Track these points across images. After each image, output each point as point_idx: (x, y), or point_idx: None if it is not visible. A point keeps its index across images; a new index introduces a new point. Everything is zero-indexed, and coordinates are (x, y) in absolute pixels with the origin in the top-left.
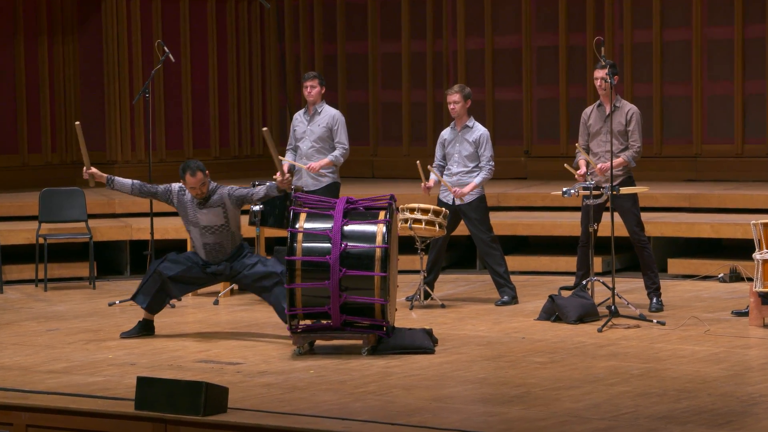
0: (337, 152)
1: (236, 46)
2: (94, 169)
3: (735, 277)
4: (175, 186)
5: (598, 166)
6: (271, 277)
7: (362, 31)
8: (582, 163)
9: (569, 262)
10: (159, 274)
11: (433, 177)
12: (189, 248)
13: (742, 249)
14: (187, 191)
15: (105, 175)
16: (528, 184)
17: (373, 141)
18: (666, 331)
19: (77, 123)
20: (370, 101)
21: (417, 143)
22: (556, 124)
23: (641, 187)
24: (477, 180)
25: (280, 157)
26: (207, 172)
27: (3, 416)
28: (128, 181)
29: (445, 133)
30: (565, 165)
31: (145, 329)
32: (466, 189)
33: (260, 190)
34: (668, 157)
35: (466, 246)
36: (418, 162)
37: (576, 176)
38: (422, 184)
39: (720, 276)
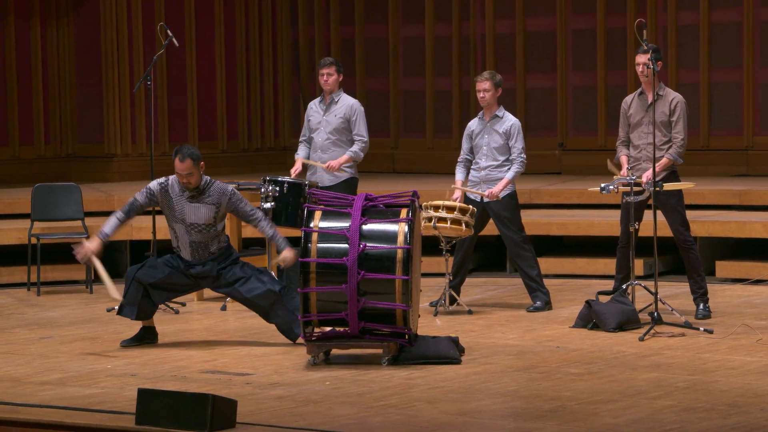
0: (355, 147)
1: (245, 29)
2: (92, 256)
3: None
4: (153, 183)
5: (643, 178)
6: (269, 297)
7: (382, 13)
8: (624, 159)
9: (608, 265)
10: (139, 282)
11: (458, 193)
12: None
13: None
14: (170, 184)
15: (94, 245)
16: (563, 179)
17: (394, 133)
18: (714, 340)
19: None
20: (391, 89)
21: (442, 135)
22: (594, 115)
23: (687, 183)
24: (508, 175)
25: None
26: (202, 164)
27: None
28: (111, 219)
29: (473, 124)
30: (608, 161)
31: (147, 336)
32: (498, 188)
33: (268, 228)
34: (716, 150)
35: (495, 247)
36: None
37: (618, 175)
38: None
39: None
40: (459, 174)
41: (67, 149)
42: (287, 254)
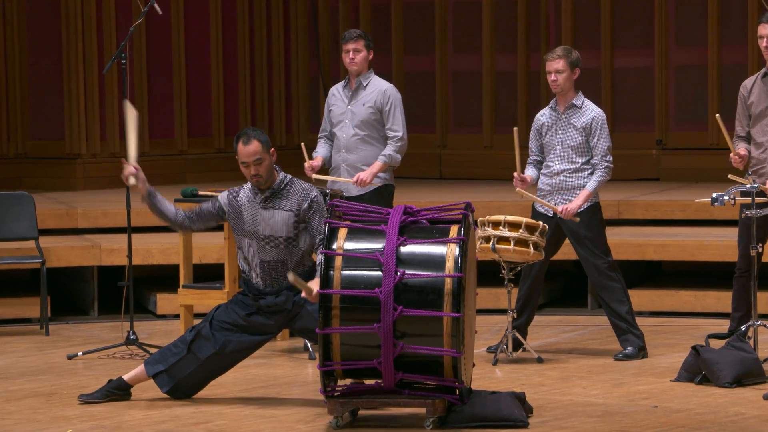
0: (389, 149)
1: None
2: (140, 172)
3: None
4: (223, 193)
5: None
6: None
7: None
8: (737, 159)
9: (721, 299)
10: (194, 356)
11: (530, 173)
12: (181, 277)
13: None
14: (241, 191)
15: (147, 185)
16: (662, 187)
17: (442, 127)
18: None
19: (127, 103)
20: (438, 70)
21: (503, 129)
22: (703, 102)
23: None
24: (589, 186)
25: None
26: (273, 150)
27: None
28: (171, 205)
29: (543, 116)
30: (730, 176)
31: (117, 391)
32: (575, 204)
33: (318, 254)
34: None
35: (573, 275)
36: (516, 148)
37: (732, 161)
38: (515, 175)
39: None
40: (530, 171)
41: (16, 148)
42: (314, 286)
